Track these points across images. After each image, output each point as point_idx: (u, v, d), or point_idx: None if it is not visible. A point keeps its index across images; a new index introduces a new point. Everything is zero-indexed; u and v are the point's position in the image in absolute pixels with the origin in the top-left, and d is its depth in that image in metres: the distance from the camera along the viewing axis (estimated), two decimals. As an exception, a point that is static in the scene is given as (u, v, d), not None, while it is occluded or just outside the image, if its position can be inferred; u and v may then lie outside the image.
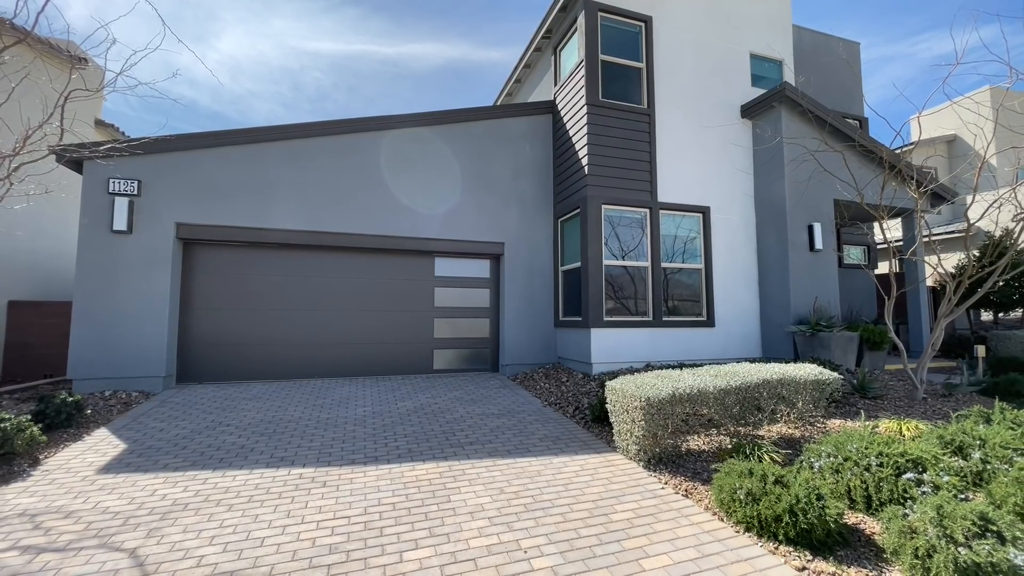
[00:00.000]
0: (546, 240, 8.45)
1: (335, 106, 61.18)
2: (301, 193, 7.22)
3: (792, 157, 7.66)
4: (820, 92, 10.31)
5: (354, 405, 5.89)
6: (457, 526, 3.03)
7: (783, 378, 4.42)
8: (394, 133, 7.76)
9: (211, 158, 6.85)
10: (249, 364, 7.09)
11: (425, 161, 7.89)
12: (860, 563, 2.67)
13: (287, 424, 5.06)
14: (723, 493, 3.16)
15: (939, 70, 5.72)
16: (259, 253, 7.26)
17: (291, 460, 4.09)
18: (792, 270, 7.68)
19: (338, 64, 63.69)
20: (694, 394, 4.03)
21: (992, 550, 2.35)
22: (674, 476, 3.81)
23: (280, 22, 38.44)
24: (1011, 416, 4.09)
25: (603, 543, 2.86)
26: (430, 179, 7.89)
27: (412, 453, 4.32)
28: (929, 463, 3.23)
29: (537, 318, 8.24)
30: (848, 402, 5.61)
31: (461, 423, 5.23)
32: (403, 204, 7.70)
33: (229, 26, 29.37)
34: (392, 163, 7.71)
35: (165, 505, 3.24)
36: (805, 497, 2.82)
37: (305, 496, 3.42)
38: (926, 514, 2.60)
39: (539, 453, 4.37)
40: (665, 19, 8.12)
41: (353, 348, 7.58)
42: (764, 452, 3.85)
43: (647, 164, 7.73)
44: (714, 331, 7.85)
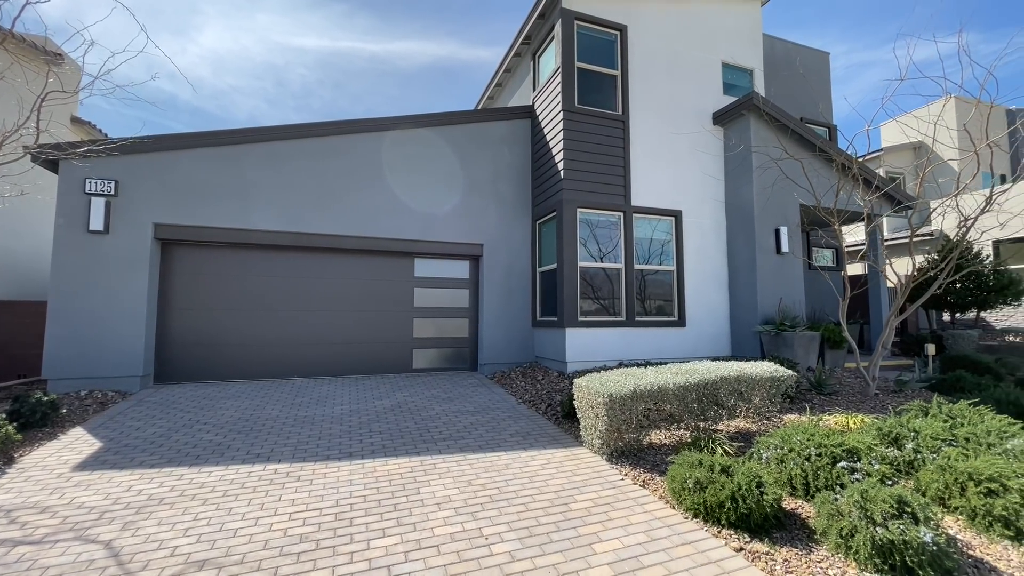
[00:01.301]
0: (524, 242, 8.65)
1: (321, 103, 60.67)
2: (282, 194, 7.29)
3: (759, 163, 7.97)
4: (791, 100, 10.71)
5: (332, 403, 6.00)
6: (424, 516, 3.20)
7: (740, 375, 4.68)
8: (375, 136, 7.88)
9: (190, 158, 6.89)
10: (228, 364, 7.15)
11: (406, 163, 8.02)
12: (792, 543, 2.91)
13: (264, 422, 5.16)
14: (675, 483, 3.38)
15: (914, 73, 6.01)
16: (240, 254, 7.31)
17: (267, 457, 4.20)
18: (759, 272, 7.99)
19: (324, 61, 63.14)
20: (655, 391, 4.25)
21: (905, 529, 2.60)
22: (634, 468, 4.03)
23: (264, 17, 38.03)
24: (946, 410, 4.41)
25: (560, 530, 3.05)
26: (411, 181, 8.02)
27: (386, 449, 4.47)
28: (863, 453, 3.50)
29: (515, 318, 8.43)
30: (805, 398, 5.91)
31: (436, 420, 5.39)
32: (384, 206, 7.82)
33: (211, 20, 28.97)
34: (373, 165, 7.82)
35: (140, 500, 3.35)
36: (746, 485, 3.05)
37: (279, 490, 3.55)
38: (852, 498, 2.84)
39: (509, 448, 4.56)
40: (640, 28, 8.38)
41: (333, 348, 7.68)
42: (718, 445, 4.09)
43: (621, 169, 7.97)
44: (685, 331, 8.13)
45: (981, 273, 9.59)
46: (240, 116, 61.81)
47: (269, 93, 55.10)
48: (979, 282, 9.64)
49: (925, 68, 17.30)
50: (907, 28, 12.96)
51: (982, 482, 3.11)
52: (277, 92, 55.91)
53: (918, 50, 15.17)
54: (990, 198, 5.30)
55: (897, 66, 9.76)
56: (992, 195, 5.29)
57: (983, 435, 3.88)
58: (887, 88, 8.21)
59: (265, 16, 38.97)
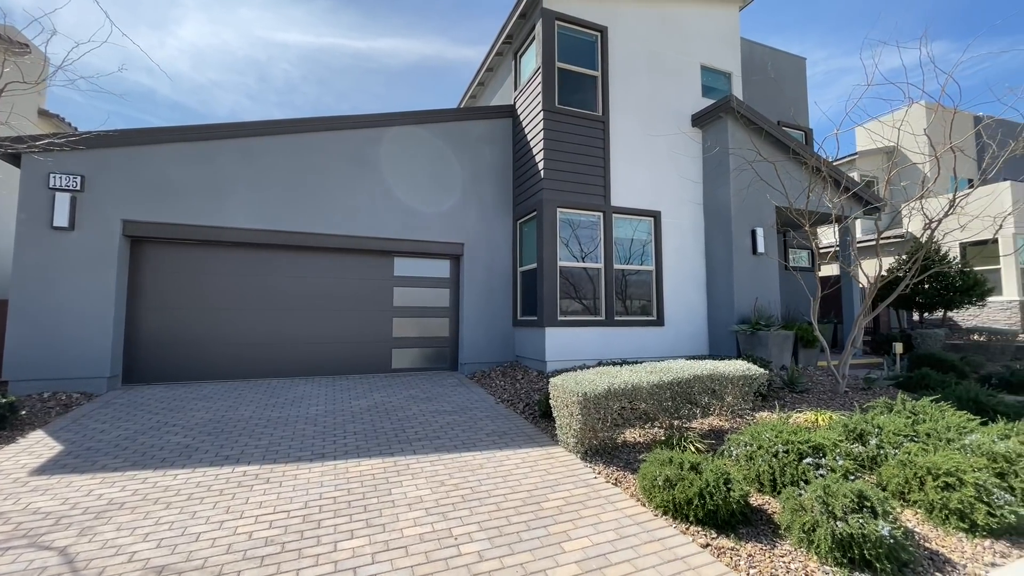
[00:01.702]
0: (505, 241, 8.64)
1: (304, 100, 59.78)
2: (257, 192, 7.16)
3: (736, 165, 8.10)
4: (768, 104, 10.91)
5: (307, 404, 5.91)
6: (394, 517, 3.17)
7: (713, 374, 4.74)
8: (354, 133, 7.79)
9: (162, 154, 6.71)
10: (201, 364, 6.99)
11: (385, 161, 7.95)
12: (758, 539, 2.96)
13: (236, 424, 5.06)
14: (646, 480, 3.41)
15: (882, 80, 6.12)
16: (213, 252, 7.15)
17: (236, 458, 4.12)
18: (736, 273, 8.12)
19: (307, 56, 62.20)
20: (629, 389, 4.28)
21: (864, 523, 2.66)
22: (607, 466, 4.05)
23: (246, 11, 37.30)
24: (909, 406, 4.53)
25: (531, 528, 3.05)
26: (390, 179, 7.95)
27: (359, 450, 4.42)
28: (829, 449, 3.57)
29: (496, 317, 8.42)
30: (778, 396, 6.03)
31: (412, 420, 5.35)
32: (362, 204, 7.73)
33: (191, 12, 28.31)
34: (351, 163, 7.73)
35: (100, 505, 3.25)
36: (714, 482, 3.10)
37: (247, 493, 3.48)
38: (814, 493, 2.90)
39: (484, 448, 4.54)
40: (620, 30, 8.44)
41: (310, 348, 7.57)
42: (689, 442, 4.14)
43: (601, 169, 8.02)
44: (664, 330, 8.22)
45: (948, 274, 9.90)
46: (221, 111, 60.56)
47: (251, 88, 54.04)
48: (946, 283, 9.95)
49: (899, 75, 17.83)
50: (879, 36, 13.31)
51: (940, 476, 3.21)
52: (259, 88, 54.87)
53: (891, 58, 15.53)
54: (953, 201, 5.47)
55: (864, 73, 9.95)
56: (955, 199, 5.46)
57: (943, 431, 4.00)
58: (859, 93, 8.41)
59: (247, 10, 38.23)
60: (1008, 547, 2.88)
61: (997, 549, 2.86)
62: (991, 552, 2.83)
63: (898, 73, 8.31)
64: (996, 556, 2.80)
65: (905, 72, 14.38)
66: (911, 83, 5.36)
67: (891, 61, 45.19)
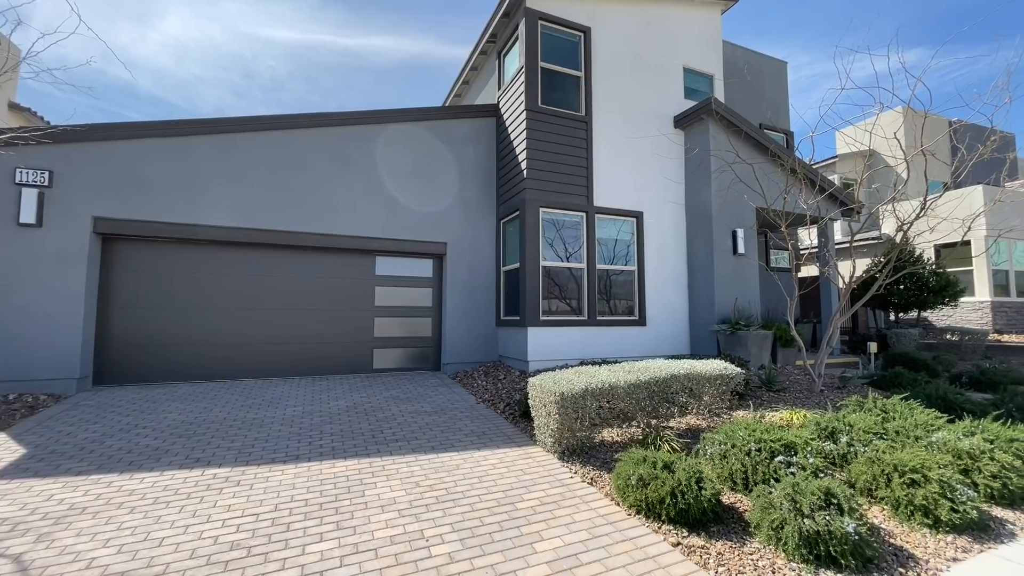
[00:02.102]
0: (489, 241, 8.62)
1: (291, 97, 59.01)
2: (235, 189, 7.03)
3: (717, 167, 8.18)
4: (750, 106, 11.04)
5: (284, 405, 5.82)
6: (366, 519, 3.13)
7: (690, 373, 4.78)
8: (336, 130, 7.69)
9: (135, 149, 6.55)
10: (176, 365, 6.84)
11: (367, 159, 7.87)
12: (728, 537, 2.98)
13: (209, 425, 4.96)
14: (620, 480, 3.42)
15: (859, 85, 6.24)
16: (189, 250, 7.01)
17: (207, 461, 4.03)
18: (717, 273, 8.21)
19: (294, 53, 61.40)
20: (606, 388, 4.29)
21: (830, 520, 2.70)
22: (584, 466, 4.06)
23: (231, 5, 36.61)
24: (880, 405, 4.62)
25: (504, 529, 3.04)
26: (372, 178, 7.87)
27: (335, 451, 4.36)
28: (800, 447, 3.62)
29: (479, 317, 8.39)
30: (756, 395, 6.10)
31: (391, 421, 5.29)
32: (343, 202, 7.65)
33: (173, 6, 27.70)
34: (333, 161, 7.63)
35: (60, 510, 3.15)
36: (686, 480, 3.11)
37: (215, 496, 3.41)
38: (784, 491, 2.94)
39: (462, 448, 4.52)
40: (603, 30, 8.47)
41: (290, 348, 7.46)
42: (665, 441, 4.16)
43: (584, 169, 8.04)
44: (646, 330, 8.27)
45: (921, 275, 10.14)
46: (205, 108, 59.44)
47: (236, 85, 53.12)
48: (920, 284, 10.18)
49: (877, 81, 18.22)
50: (861, 42, 13.53)
51: (906, 473, 3.27)
52: (245, 84, 53.96)
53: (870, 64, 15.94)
54: (924, 204, 5.59)
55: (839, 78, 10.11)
56: (926, 201, 5.58)
57: (912, 428, 4.09)
58: (835, 99, 8.56)
59: (232, 5, 37.52)
60: (970, 542, 2.95)
61: (959, 544, 2.92)
62: (953, 547, 2.89)
63: (876, 79, 8.52)
64: (958, 551, 2.86)
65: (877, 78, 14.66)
66: (883, 88, 5.54)
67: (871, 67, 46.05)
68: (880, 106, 5.23)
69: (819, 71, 52.70)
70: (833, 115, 17.24)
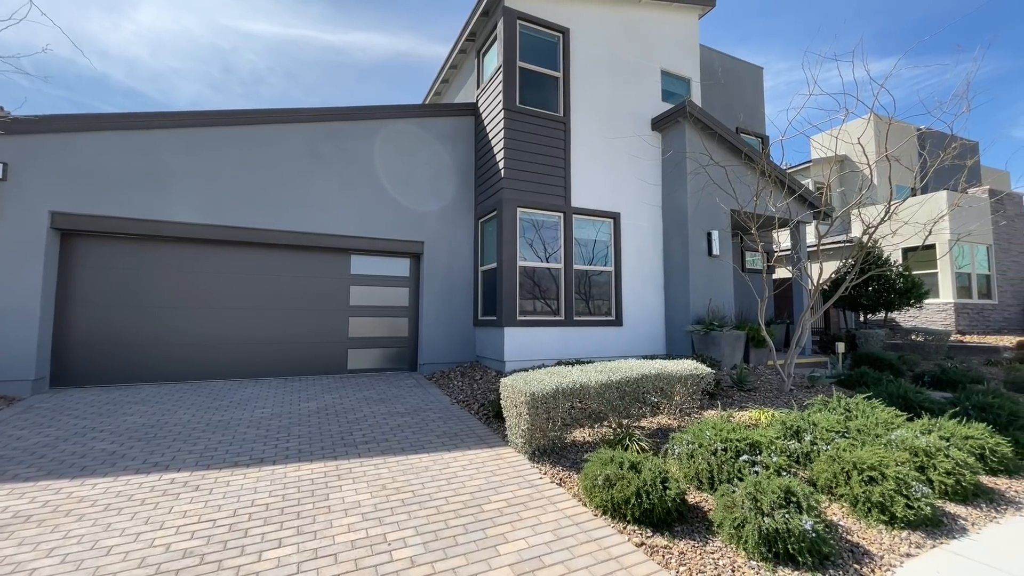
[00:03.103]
0: (467, 240, 8.57)
1: (272, 92, 57.85)
2: (204, 185, 6.84)
3: (693, 169, 8.28)
4: (727, 110, 11.22)
5: (253, 407, 5.68)
6: (328, 523, 3.06)
7: (661, 373, 4.82)
8: (310, 127, 7.55)
9: (97, 142, 6.32)
10: (141, 366, 6.62)
11: (342, 156, 7.74)
12: (692, 536, 3.00)
13: (172, 428, 4.81)
14: (587, 480, 3.42)
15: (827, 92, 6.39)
16: (155, 247, 6.79)
17: (165, 465, 3.90)
18: (692, 274, 8.31)
19: (275, 48, 60.21)
20: (577, 389, 4.29)
21: (789, 518, 2.74)
22: (554, 466, 4.05)
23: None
24: (844, 403, 4.73)
25: (468, 532, 3.01)
26: (347, 175, 7.75)
27: (302, 454, 4.27)
28: (765, 446, 3.67)
29: (456, 317, 8.33)
30: (727, 395, 6.19)
31: (362, 423, 5.21)
32: (317, 200, 7.50)
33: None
34: (307, 157, 7.49)
35: (3, 518, 3.00)
36: (651, 481, 3.13)
37: (171, 502, 3.29)
38: (745, 489, 2.97)
39: (433, 449, 4.47)
40: (582, 32, 8.49)
41: (261, 348, 7.29)
42: (634, 441, 4.18)
43: (562, 170, 8.06)
44: (622, 330, 8.33)
45: (888, 277, 10.44)
46: (182, 101, 57.88)
47: (214, 79, 51.77)
48: (887, 286, 10.49)
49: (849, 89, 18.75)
50: (827, 53, 13.87)
51: (864, 471, 3.34)
52: (224, 78, 52.63)
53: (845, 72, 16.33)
54: (888, 208, 5.75)
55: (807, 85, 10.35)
56: (890, 205, 5.74)
57: (873, 427, 4.19)
58: (804, 104, 8.77)
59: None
60: (923, 538, 3.03)
61: (913, 540, 3.00)
62: (907, 543, 2.97)
63: (843, 87, 8.80)
64: (912, 547, 2.93)
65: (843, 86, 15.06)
66: (849, 94, 5.72)
67: (845, 75, 47.16)
68: (846, 111, 5.37)
69: (797, 78, 53.96)
70: (802, 120, 17.64)
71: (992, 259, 14.18)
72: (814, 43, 29.67)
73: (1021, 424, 4.44)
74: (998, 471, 3.97)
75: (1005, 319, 14.17)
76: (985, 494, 3.60)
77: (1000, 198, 13.88)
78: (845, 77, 21.52)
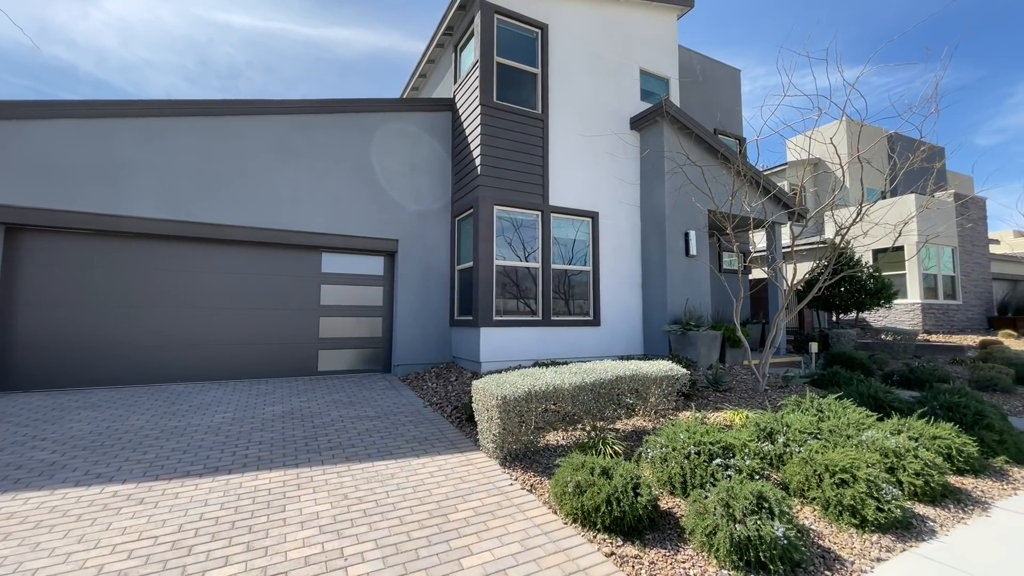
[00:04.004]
0: (443, 238, 8.39)
1: (250, 86, 56.39)
2: (164, 178, 6.51)
3: (671, 169, 8.27)
4: (705, 110, 11.28)
5: (213, 411, 5.42)
6: (281, 537, 2.87)
7: (635, 374, 4.74)
8: (279, 119, 7.27)
9: (48, 131, 5.95)
10: (94, 369, 6.26)
11: (313, 151, 7.48)
12: (663, 544, 2.91)
13: (122, 435, 4.52)
14: (558, 487, 3.30)
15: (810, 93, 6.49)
16: (110, 243, 6.43)
17: (110, 476, 3.64)
18: (669, 274, 8.30)
19: (253, 40, 58.68)
20: (549, 391, 4.18)
21: (760, 524, 2.67)
22: (526, 472, 3.93)
23: (179, -14, 34.45)
24: (816, 404, 4.73)
25: (431, 544, 2.86)
26: (318, 170, 7.49)
27: (261, 461, 4.05)
28: (738, 449, 3.62)
29: (432, 317, 8.15)
30: (702, 395, 6.17)
31: (328, 427, 5.00)
32: (286, 195, 7.23)
33: (116, -18, 25.70)
34: (276, 151, 7.21)
35: (-84, 539, 2.73)
36: (622, 487, 3.03)
37: (111, 517, 3.06)
38: (718, 495, 2.89)
39: (401, 455, 4.30)
40: (561, 29, 8.40)
41: (226, 349, 6.99)
42: (608, 444, 4.09)
43: (540, 168, 7.95)
44: (600, 330, 8.27)
45: (860, 278, 10.65)
46: (155, 93, 55.87)
47: (190, 71, 50.13)
48: (858, 286, 10.70)
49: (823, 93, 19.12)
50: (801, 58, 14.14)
51: (836, 473, 3.31)
52: (199, 71, 51.01)
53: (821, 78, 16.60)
54: (860, 209, 5.81)
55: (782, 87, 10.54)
56: (861, 207, 5.80)
57: (844, 428, 4.18)
58: (778, 105, 8.86)
59: (181, -16, 35.29)
60: (893, 541, 3.00)
61: (883, 544, 2.97)
62: (878, 547, 2.93)
63: (824, 91, 9.01)
64: (882, 551, 2.90)
65: (817, 89, 15.43)
66: (823, 96, 5.79)
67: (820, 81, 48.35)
68: (819, 112, 5.39)
69: (774, 82, 55.10)
70: (777, 121, 18.01)
71: (957, 261, 14.64)
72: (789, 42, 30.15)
73: (986, 423, 4.50)
74: (965, 471, 4.00)
75: (969, 319, 14.65)
76: (953, 494, 3.62)
77: (965, 201, 14.34)
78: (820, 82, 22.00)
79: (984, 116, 68.68)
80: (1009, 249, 22.37)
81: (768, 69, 47.52)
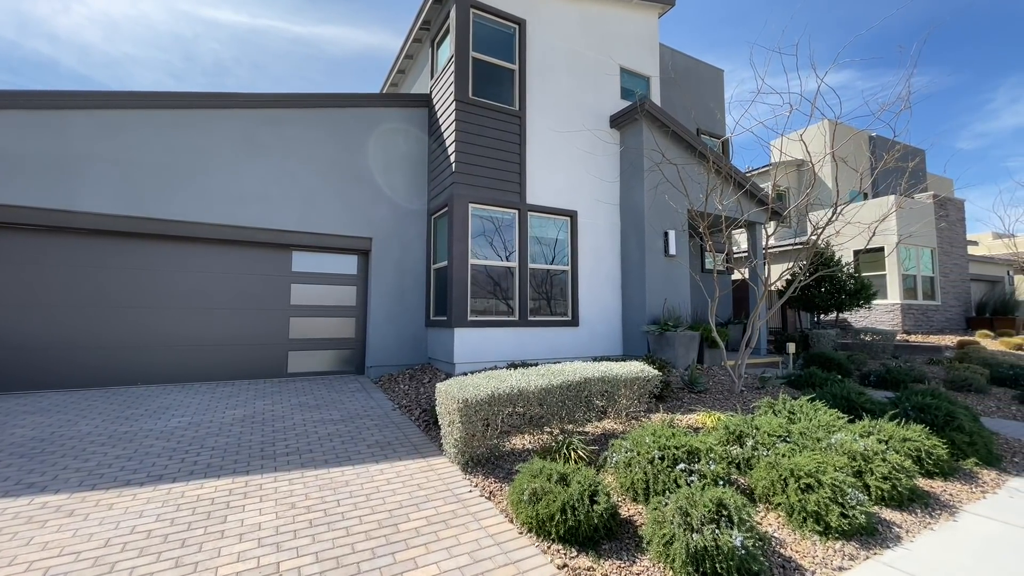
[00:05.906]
0: (419, 237, 8.22)
1: (237, 82, 55.51)
2: (122, 173, 6.26)
3: (650, 168, 8.18)
4: (688, 111, 11.22)
5: (170, 415, 5.19)
6: (216, 552, 2.70)
7: (605, 376, 4.62)
8: (247, 113, 7.04)
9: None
10: (45, 371, 5.99)
11: (283, 146, 7.26)
12: (619, 555, 2.79)
13: (65, 442, 4.30)
14: (515, 494, 3.16)
15: (775, 90, 6.44)
16: (64, 240, 6.17)
17: (42, 486, 3.43)
18: (648, 274, 8.21)
19: (240, 37, 57.80)
20: (514, 394, 4.04)
21: (718, 533, 2.55)
22: (487, 478, 3.78)
23: (161, -20, 33.76)
24: (788, 406, 4.65)
25: (376, 556, 2.70)
26: (289, 166, 7.28)
27: (210, 468, 3.86)
28: (703, 453, 3.51)
29: (408, 317, 7.97)
30: (677, 397, 6.07)
31: (288, 432, 4.82)
32: (255, 192, 7.01)
33: (96, -24, 25.01)
34: (244, 146, 6.98)
35: None
36: (579, 495, 2.90)
37: (34, 531, 2.85)
38: (676, 503, 2.78)
39: (360, 461, 4.13)
40: (539, 24, 8.27)
41: (189, 351, 6.74)
42: (572, 449, 3.96)
43: (517, 166, 7.81)
44: (578, 330, 8.15)
45: (840, 278, 10.67)
46: (139, 89, 54.77)
47: (175, 67, 49.21)
48: (839, 287, 10.72)
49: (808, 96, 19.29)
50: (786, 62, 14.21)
51: (801, 478, 3.21)
52: (185, 67, 50.10)
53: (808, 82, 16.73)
54: (835, 209, 5.76)
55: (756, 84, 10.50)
56: (836, 206, 5.76)
57: (814, 430, 4.10)
58: (752, 102, 8.80)
59: (163, -22, 34.60)
60: (857, 548, 2.91)
61: (847, 552, 2.87)
62: (840, 555, 2.83)
63: (808, 95, 9.01)
64: (844, 559, 2.80)
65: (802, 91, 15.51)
66: (807, 98, 5.76)
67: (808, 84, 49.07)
68: (790, 107, 5.33)
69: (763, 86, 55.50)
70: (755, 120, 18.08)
71: (936, 262, 14.80)
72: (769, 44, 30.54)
73: (957, 424, 4.45)
74: (934, 473, 3.94)
75: (947, 319, 14.81)
76: (921, 498, 3.54)
77: (943, 202, 14.50)
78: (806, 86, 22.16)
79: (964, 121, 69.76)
80: (987, 251, 22.73)
81: (753, 73, 47.88)
